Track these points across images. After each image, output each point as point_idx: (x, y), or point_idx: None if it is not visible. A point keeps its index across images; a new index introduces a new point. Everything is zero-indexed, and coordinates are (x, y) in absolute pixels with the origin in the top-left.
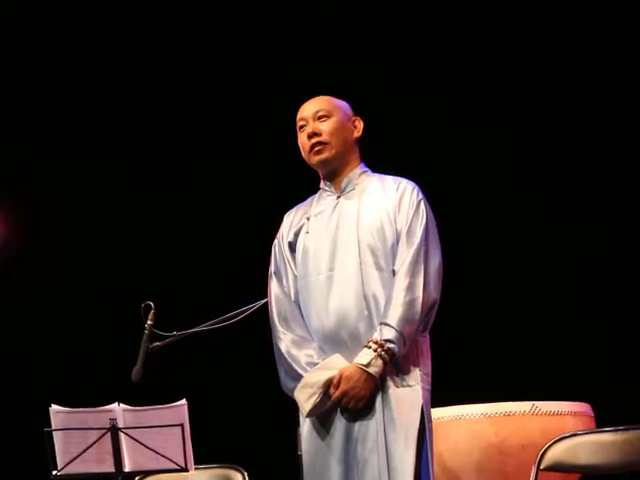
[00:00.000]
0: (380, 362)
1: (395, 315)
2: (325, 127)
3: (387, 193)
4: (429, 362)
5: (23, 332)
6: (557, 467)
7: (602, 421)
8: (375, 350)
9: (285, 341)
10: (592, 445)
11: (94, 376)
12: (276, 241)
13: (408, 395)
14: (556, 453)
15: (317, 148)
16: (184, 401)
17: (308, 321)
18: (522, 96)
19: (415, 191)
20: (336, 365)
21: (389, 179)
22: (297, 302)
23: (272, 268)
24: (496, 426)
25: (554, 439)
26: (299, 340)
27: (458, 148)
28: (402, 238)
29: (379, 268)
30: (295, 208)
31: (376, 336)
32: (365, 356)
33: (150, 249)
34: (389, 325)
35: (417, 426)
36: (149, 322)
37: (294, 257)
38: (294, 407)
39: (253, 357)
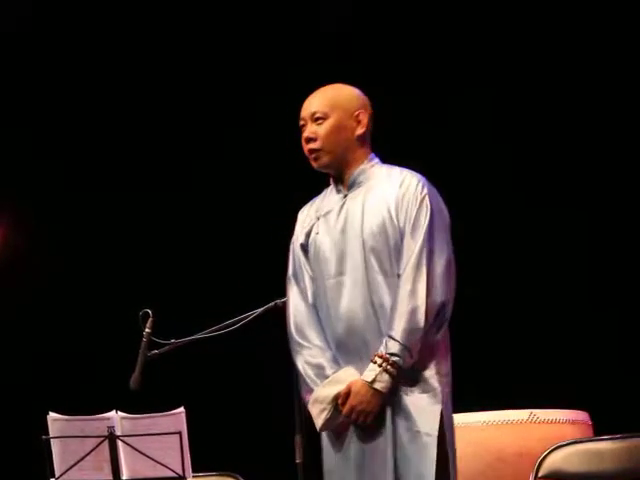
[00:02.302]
0: (386, 377)
1: (399, 327)
2: (321, 131)
3: (391, 190)
4: (446, 362)
5: (21, 339)
6: (555, 475)
7: (600, 429)
8: (380, 365)
9: (300, 353)
10: (590, 453)
11: (92, 384)
12: (292, 240)
13: (424, 401)
14: (554, 461)
15: (313, 155)
16: (182, 409)
17: (324, 326)
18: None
19: (419, 186)
20: (346, 378)
21: (395, 173)
22: (315, 305)
23: (290, 270)
24: (494, 434)
25: (552, 447)
26: (313, 351)
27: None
28: (405, 239)
29: (384, 273)
30: (309, 203)
31: (382, 350)
32: (370, 372)
33: (149, 256)
34: (393, 338)
35: (435, 433)
36: (147, 330)
37: (308, 258)
38: (292, 414)
39: (251, 365)
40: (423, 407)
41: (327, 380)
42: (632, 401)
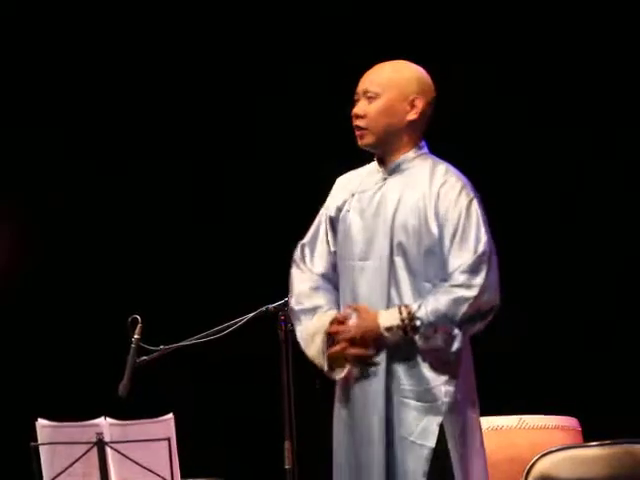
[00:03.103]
0: (400, 333)
1: (436, 304)
2: (370, 110)
3: (432, 191)
4: (463, 372)
5: (9, 345)
6: None
7: (589, 435)
8: (402, 319)
9: (300, 322)
10: (579, 459)
11: (81, 390)
12: (323, 207)
13: (422, 411)
14: (543, 467)
15: (358, 132)
16: (171, 415)
17: (341, 306)
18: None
19: (464, 191)
20: (322, 325)
21: (440, 172)
22: (325, 275)
23: (306, 237)
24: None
25: (541, 453)
26: (309, 315)
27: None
28: (455, 244)
29: (410, 272)
30: (350, 173)
31: (413, 306)
32: (389, 317)
33: (138, 262)
34: (426, 308)
35: (430, 445)
36: (136, 336)
37: (335, 233)
38: (281, 420)
39: (240, 371)
40: (419, 417)
41: (307, 338)
42: (621, 407)
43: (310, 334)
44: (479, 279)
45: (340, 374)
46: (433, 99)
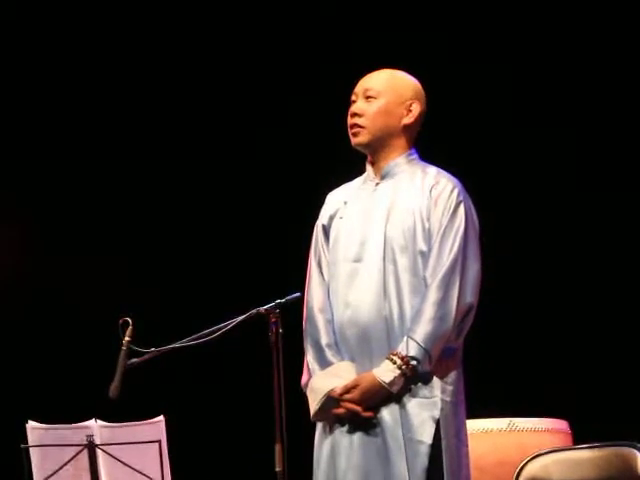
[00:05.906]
0: (403, 380)
1: (423, 331)
2: (369, 109)
3: (424, 190)
4: (456, 371)
5: None
6: None
7: (579, 438)
8: (400, 367)
9: (309, 334)
10: (569, 462)
11: (71, 392)
12: (317, 223)
13: (421, 408)
14: (533, 470)
15: (353, 130)
16: (161, 417)
17: (333, 310)
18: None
19: (455, 192)
20: (343, 374)
21: (431, 173)
22: (328, 288)
23: (312, 253)
24: (473, 443)
25: (531, 456)
26: (319, 331)
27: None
28: (435, 246)
29: (404, 270)
30: (341, 187)
31: (401, 350)
32: (388, 373)
33: (129, 264)
34: (416, 341)
35: (428, 442)
36: (127, 338)
37: (327, 242)
38: (272, 422)
39: (231, 373)
40: (418, 413)
41: (325, 370)
42: (611, 410)
43: (315, 389)
44: (454, 291)
45: (315, 419)
46: (425, 110)
